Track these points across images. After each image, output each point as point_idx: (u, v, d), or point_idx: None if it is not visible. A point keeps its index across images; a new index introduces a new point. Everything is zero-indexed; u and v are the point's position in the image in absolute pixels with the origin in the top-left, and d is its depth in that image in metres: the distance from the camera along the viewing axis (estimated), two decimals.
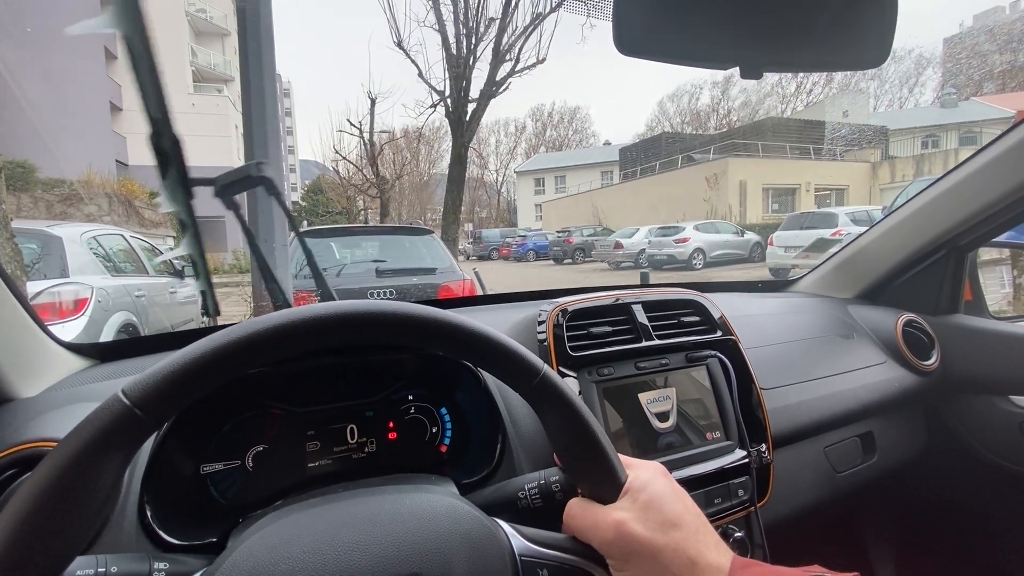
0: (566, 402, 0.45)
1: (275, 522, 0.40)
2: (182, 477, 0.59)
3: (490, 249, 25.56)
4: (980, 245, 1.25)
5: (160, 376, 0.35)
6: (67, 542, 0.33)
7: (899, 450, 1.16)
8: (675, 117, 44.81)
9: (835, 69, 0.58)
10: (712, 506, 0.77)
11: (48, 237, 3.32)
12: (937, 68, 37.71)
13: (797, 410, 0.97)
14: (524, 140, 50.94)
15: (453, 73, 8.57)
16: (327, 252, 4.43)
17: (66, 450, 0.33)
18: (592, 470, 0.45)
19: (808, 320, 1.21)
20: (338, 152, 15.99)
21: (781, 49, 0.53)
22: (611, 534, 0.42)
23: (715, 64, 0.53)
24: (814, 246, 8.70)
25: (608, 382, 0.79)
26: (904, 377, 1.16)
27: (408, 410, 0.71)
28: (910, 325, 1.22)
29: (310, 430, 0.65)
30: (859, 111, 29.65)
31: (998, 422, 1.18)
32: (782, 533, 0.89)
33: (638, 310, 0.87)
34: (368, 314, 0.40)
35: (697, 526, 0.43)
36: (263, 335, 0.37)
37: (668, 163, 26.12)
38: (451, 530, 0.41)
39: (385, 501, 0.43)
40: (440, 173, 21.88)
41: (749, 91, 40.42)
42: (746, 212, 19.92)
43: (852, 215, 10.72)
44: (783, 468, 0.91)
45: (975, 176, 1.08)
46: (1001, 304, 1.66)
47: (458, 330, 0.42)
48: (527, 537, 0.44)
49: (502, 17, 8.41)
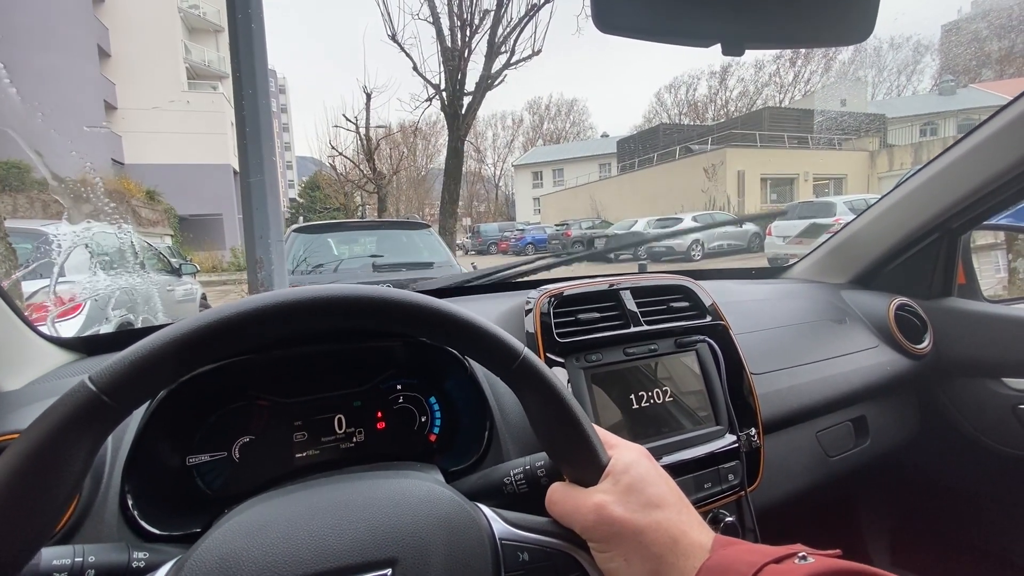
0: (546, 384, 0.44)
1: (252, 508, 0.40)
2: (168, 468, 0.59)
3: (488, 243, 25.54)
4: (973, 228, 1.24)
5: (127, 362, 0.34)
6: (31, 533, 0.33)
7: (892, 434, 1.16)
8: (673, 108, 44.63)
9: (819, 45, 0.57)
10: (702, 491, 0.77)
11: (42, 236, 3.30)
12: (935, 55, 37.51)
13: (788, 394, 0.97)
14: (521, 133, 50.90)
15: (448, 66, 8.52)
16: (324, 247, 4.43)
17: (29, 438, 0.32)
18: (573, 453, 0.45)
19: (800, 305, 1.21)
20: (334, 148, 15.94)
21: (763, 24, 0.52)
22: (591, 517, 0.42)
23: (696, 40, 0.52)
24: (806, 232, 8.66)
25: (596, 368, 0.78)
26: (897, 361, 1.16)
27: (397, 399, 0.71)
28: (903, 309, 1.22)
29: (297, 420, 0.65)
30: (857, 99, 29.52)
31: (991, 405, 1.18)
32: (775, 518, 0.89)
33: (627, 296, 0.86)
34: (341, 298, 0.39)
35: (679, 506, 0.43)
36: (233, 320, 0.37)
37: (666, 154, 26.04)
38: (429, 514, 0.40)
39: (363, 487, 0.43)
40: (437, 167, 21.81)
41: (747, 81, 40.25)
42: (744, 202, 19.87)
43: (850, 204, 10.70)
44: (775, 453, 0.91)
45: (965, 158, 1.08)
46: (996, 288, 1.66)
47: (436, 314, 0.42)
48: (509, 521, 0.44)
49: (496, 9, 8.35)
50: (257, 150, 1.78)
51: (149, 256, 4.96)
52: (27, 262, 2.76)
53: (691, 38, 0.51)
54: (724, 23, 0.50)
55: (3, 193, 9.41)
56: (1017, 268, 1.62)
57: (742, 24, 0.50)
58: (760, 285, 1.30)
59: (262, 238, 1.80)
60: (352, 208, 17.84)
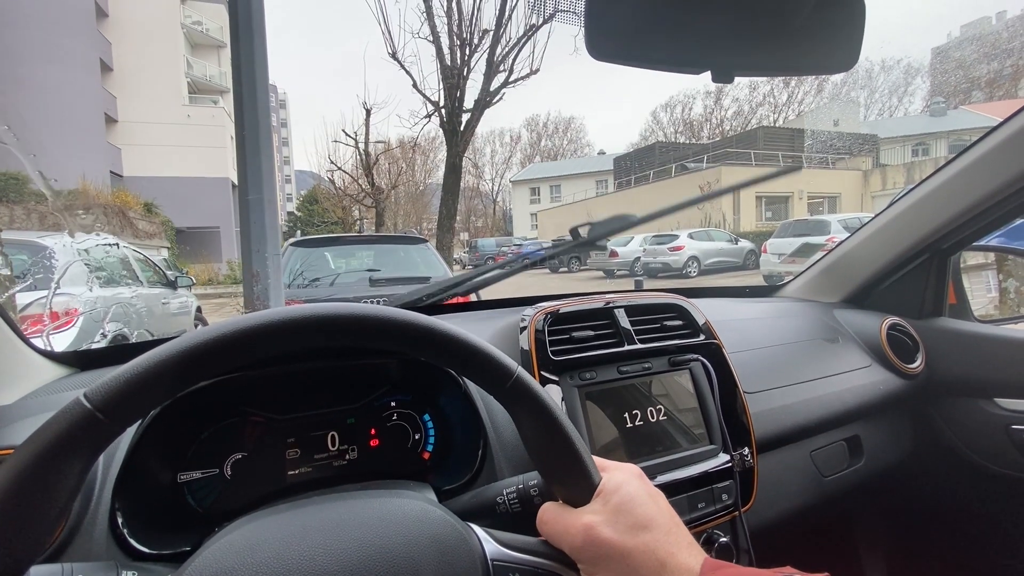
0: (539, 404, 0.44)
1: (242, 527, 0.40)
2: (159, 485, 0.58)
3: (486, 258, 25.57)
4: (962, 249, 1.26)
5: (123, 380, 0.34)
6: (22, 551, 0.32)
7: (886, 454, 1.16)
8: (668, 127, 45.18)
9: (805, 73, 0.59)
10: (696, 510, 0.77)
11: (38, 248, 3.30)
12: (926, 77, 38.29)
13: (782, 413, 0.97)
14: (519, 150, 51.32)
15: (447, 84, 8.63)
16: (321, 261, 4.43)
17: (23, 455, 0.32)
18: (565, 473, 0.45)
19: (793, 324, 1.21)
20: (333, 162, 16.03)
21: (752, 53, 0.54)
22: (580, 538, 0.42)
23: (687, 68, 0.54)
24: (799, 251, 8.74)
25: (590, 386, 0.79)
26: (889, 380, 1.16)
27: (391, 416, 0.71)
28: (894, 328, 1.23)
29: (290, 437, 0.65)
30: (850, 120, 30.02)
31: (984, 425, 1.18)
32: (769, 538, 0.88)
33: (621, 314, 0.87)
34: (337, 317, 0.40)
35: (669, 527, 0.43)
36: (229, 339, 0.37)
37: (662, 172, 26.31)
38: (420, 534, 0.40)
39: (355, 506, 0.43)
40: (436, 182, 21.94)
41: (741, 101, 40.88)
42: (740, 220, 20.05)
43: (844, 222, 10.82)
44: (769, 472, 0.91)
45: (954, 180, 1.10)
46: (987, 308, 1.67)
47: (429, 332, 0.42)
48: (500, 541, 0.44)
49: (495, 29, 8.49)
50: (256, 166, 1.79)
51: (145, 269, 4.95)
52: (23, 274, 2.76)
53: (682, 66, 0.53)
54: (714, 52, 0.51)
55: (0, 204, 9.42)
56: (1007, 288, 1.64)
57: (731, 53, 0.52)
58: (753, 304, 1.31)
59: (259, 251, 1.81)
60: (350, 222, 17.88)
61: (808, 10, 0.53)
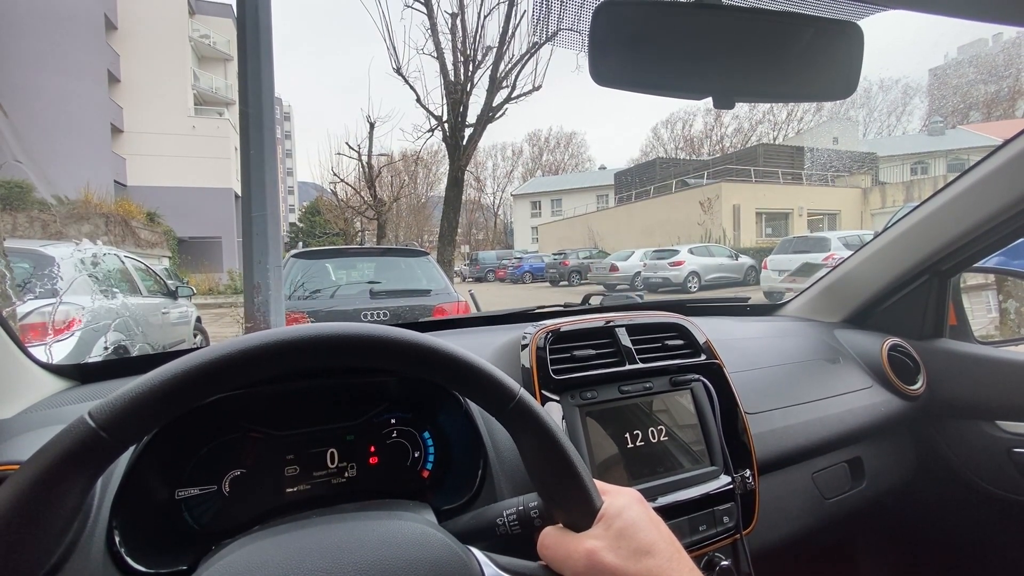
0: (542, 427, 0.44)
1: (241, 549, 0.40)
2: (156, 502, 0.58)
3: (486, 271, 25.66)
4: (962, 270, 1.26)
5: (128, 399, 0.35)
6: (24, 569, 0.33)
7: (888, 476, 1.15)
8: (669, 143, 45.56)
9: (805, 100, 0.59)
10: (697, 533, 0.76)
11: (41, 256, 3.31)
12: (924, 97, 38.71)
13: (783, 435, 0.97)
14: (521, 164, 51.69)
15: (451, 99, 8.71)
16: (322, 273, 4.43)
17: (28, 473, 0.32)
18: (567, 497, 0.45)
19: (794, 344, 1.21)
20: (336, 175, 16.12)
21: (752, 80, 0.54)
22: (582, 564, 0.41)
23: (689, 95, 0.55)
24: (800, 270, 8.74)
25: (591, 406, 0.78)
26: (890, 401, 1.16)
27: (390, 434, 0.70)
28: (895, 349, 1.22)
29: (289, 454, 0.65)
30: (849, 138, 30.29)
31: (986, 448, 1.18)
32: (771, 561, 0.87)
33: (622, 333, 0.87)
34: (339, 337, 0.40)
35: (671, 553, 0.43)
36: (233, 358, 0.37)
37: (663, 187, 26.45)
38: (420, 558, 0.40)
39: (355, 528, 0.42)
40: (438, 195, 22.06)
41: (742, 118, 41.27)
42: (740, 236, 20.11)
43: (844, 239, 10.85)
44: (771, 494, 0.90)
45: (954, 202, 1.10)
46: (988, 328, 1.67)
47: (432, 353, 0.42)
48: (500, 565, 0.43)
49: (499, 46, 8.59)
50: (260, 180, 1.80)
51: (145, 278, 4.96)
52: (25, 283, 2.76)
53: (684, 92, 0.54)
54: (714, 79, 0.52)
55: (3, 212, 9.46)
56: (1007, 309, 1.64)
57: (731, 80, 0.53)
58: (754, 323, 1.31)
59: (260, 263, 1.81)
60: (352, 234, 17.92)
61: (807, 39, 0.54)
